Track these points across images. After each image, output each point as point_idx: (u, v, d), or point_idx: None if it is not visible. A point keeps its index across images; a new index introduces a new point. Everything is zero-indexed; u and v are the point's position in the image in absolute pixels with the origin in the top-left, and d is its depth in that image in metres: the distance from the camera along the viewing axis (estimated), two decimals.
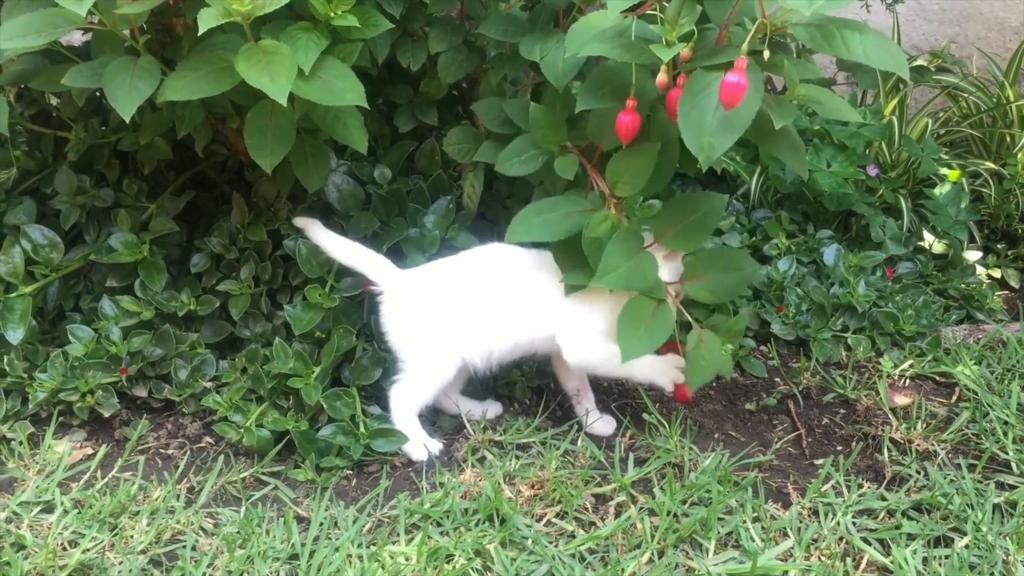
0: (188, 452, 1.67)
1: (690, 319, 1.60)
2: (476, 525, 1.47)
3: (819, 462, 1.67)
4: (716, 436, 1.74)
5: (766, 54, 1.32)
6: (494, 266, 1.68)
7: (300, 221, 1.76)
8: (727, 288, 1.63)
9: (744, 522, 1.49)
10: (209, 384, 1.75)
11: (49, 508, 1.52)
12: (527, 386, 1.82)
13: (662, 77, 1.41)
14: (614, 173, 1.54)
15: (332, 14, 1.50)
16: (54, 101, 1.99)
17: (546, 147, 1.62)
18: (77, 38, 1.86)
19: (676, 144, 1.51)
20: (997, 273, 2.37)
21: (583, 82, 1.55)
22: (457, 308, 1.65)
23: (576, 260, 1.57)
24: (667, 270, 1.60)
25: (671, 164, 1.57)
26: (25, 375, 1.72)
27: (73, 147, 1.90)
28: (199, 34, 1.37)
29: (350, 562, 1.40)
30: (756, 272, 1.69)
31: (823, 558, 1.43)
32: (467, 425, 1.72)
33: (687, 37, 1.38)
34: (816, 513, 1.53)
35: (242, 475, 1.60)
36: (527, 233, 1.56)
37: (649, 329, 1.51)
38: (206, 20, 1.37)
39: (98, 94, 1.83)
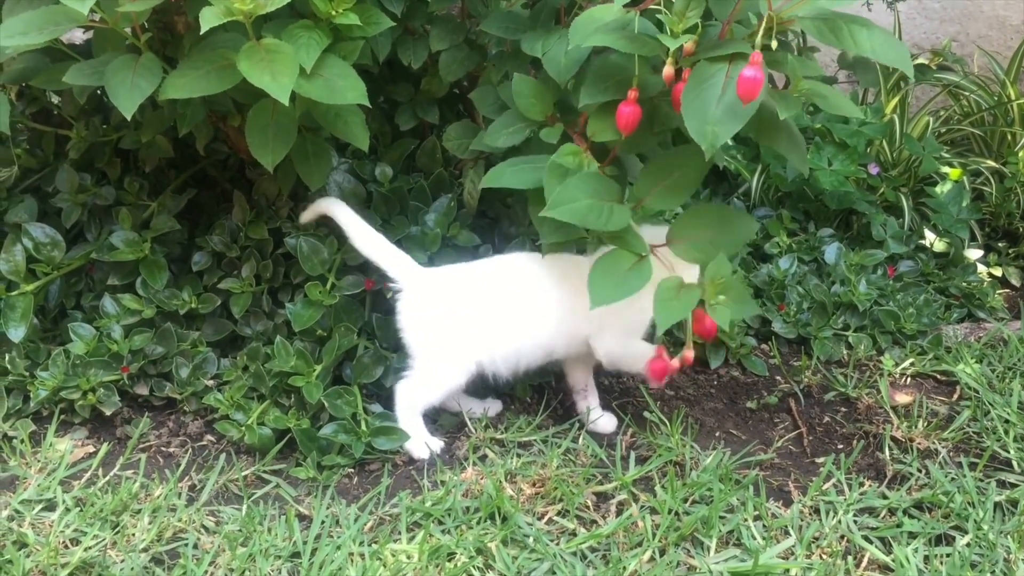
0: (189, 450, 1.67)
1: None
2: (477, 523, 1.48)
3: (820, 460, 1.67)
4: (717, 434, 1.74)
5: (774, 45, 1.33)
6: (521, 273, 1.67)
7: (326, 202, 1.73)
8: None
9: (745, 520, 1.49)
10: (210, 382, 1.75)
11: (51, 506, 1.52)
12: (528, 384, 1.82)
13: (668, 70, 1.42)
14: (594, 125, 1.53)
15: (333, 12, 1.50)
16: (55, 99, 1.99)
17: (531, 117, 1.61)
18: (78, 36, 1.86)
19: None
20: (998, 271, 2.37)
21: (584, 77, 1.55)
22: (481, 313, 1.64)
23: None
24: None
25: (696, 170, 1.54)
26: (26, 373, 1.72)
27: (74, 145, 1.90)
28: (201, 33, 1.37)
29: (352, 560, 1.40)
30: (752, 230, 1.62)
31: (824, 556, 1.43)
32: (468, 423, 1.72)
33: (692, 30, 1.39)
34: (817, 511, 1.53)
35: (243, 473, 1.60)
36: (498, 181, 1.57)
37: (624, 279, 1.48)
38: (208, 19, 1.37)
39: (99, 92, 1.83)
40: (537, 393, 1.83)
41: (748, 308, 1.57)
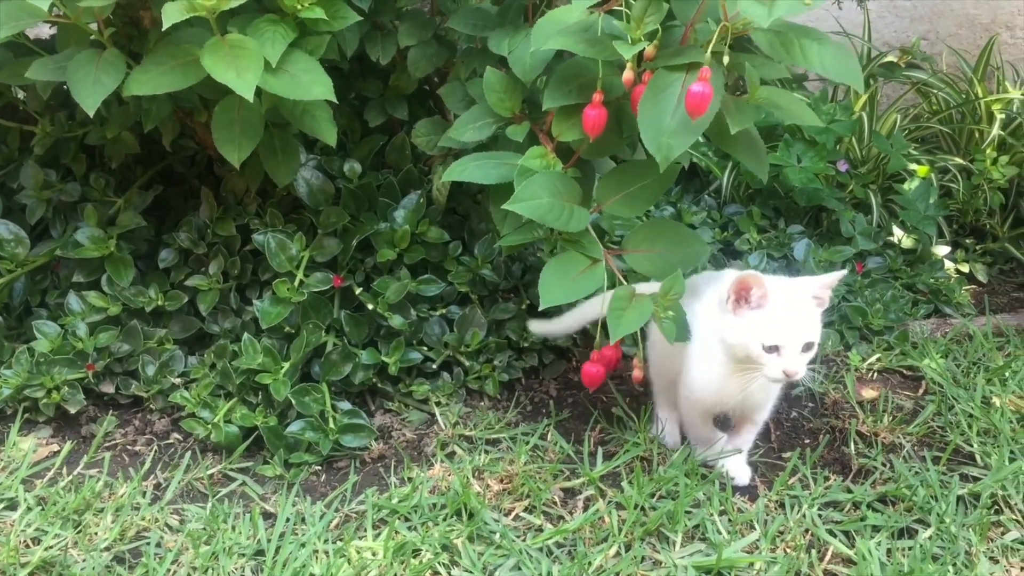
0: (155, 448, 1.66)
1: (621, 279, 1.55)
2: (444, 520, 1.47)
3: (786, 455, 1.68)
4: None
5: (725, 59, 1.33)
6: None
7: None
8: (671, 264, 1.55)
9: (711, 515, 1.50)
10: (177, 380, 1.74)
11: (12, 505, 1.50)
12: (498, 381, 1.82)
13: (628, 74, 1.41)
14: (558, 126, 1.53)
15: (299, 6, 1.49)
16: (20, 95, 1.96)
17: (500, 112, 1.61)
18: (46, 31, 1.84)
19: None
20: (965, 268, 2.40)
21: (550, 76, 1.55)
22: None
23: (514, 215, 1.52)
24: None
25: (660, 183, 1.55)
26: None
27: (39, 141, 1.88)
28: (164, 28, 1.36)
29: (316, 557, 1.40)
30: (704, 251, 1.63)
31: (788, 550, 1.44)
32: (438, 419, 1.72)
33: (652, 35, 1.39)
34: (782, 505, 1.54)
35: (210, 471, 1.59)
36: (461, 175, 1.56)
37: (575, 283, 1.49)
38: (171, 15, 1.36)
39: (64, 87, 1.81)
40: (507, 390, 1.83)
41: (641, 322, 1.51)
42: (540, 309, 1.49)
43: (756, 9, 1.26)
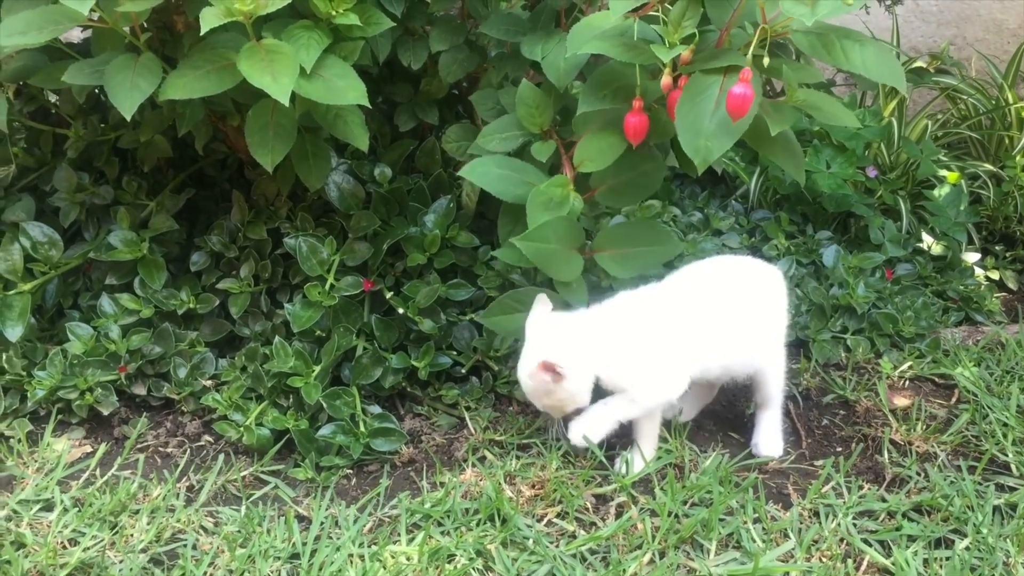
0: (187, 451, 1.67)
1: None
2: (477, 525, 1.47)
3: (819, 463, 1.67)
4: (716, 437, 1.74)
5: (766, 61, 1.33)
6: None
7: None
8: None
9: (745, 523, 1.49)
10: (208, 382, 1.74)
11: (49, 506, 1.51)
12: None
13: (666, 79, 1.41)
14: (582, 152, 1.54)
15: (333, 12, 1.50)
16: (53, 98, 1.98)
17: (528, 127, 1.61)
18: (76, 35, 1.86)
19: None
20: (995, 275, 2.38)
21: (584, 83, 1.55)
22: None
23: (519, 230, 1.55)
24: None
25: (654, 176, 1.59)
26: (24, 373, 1.72)
27: (72, 144, 1.90)
28: (201, 33, 1.36)
29: (352, 562, 1.40)
30: (675, 249, 1.65)
31: (824, 559, 1.43)
32: (468, 424, 1.72)
33: (689, 39, 1.39)
34: (817, 514, 1.53)
35: (242, 474, 1.60)
36: (481, 179, 1.57)
37: (513, 320, 1.57)
38: (208, 20, 1.37)
39: (97, 91, 1.83)
40: None
41: None
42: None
43: (798, 9, 1.26)
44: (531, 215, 1.51)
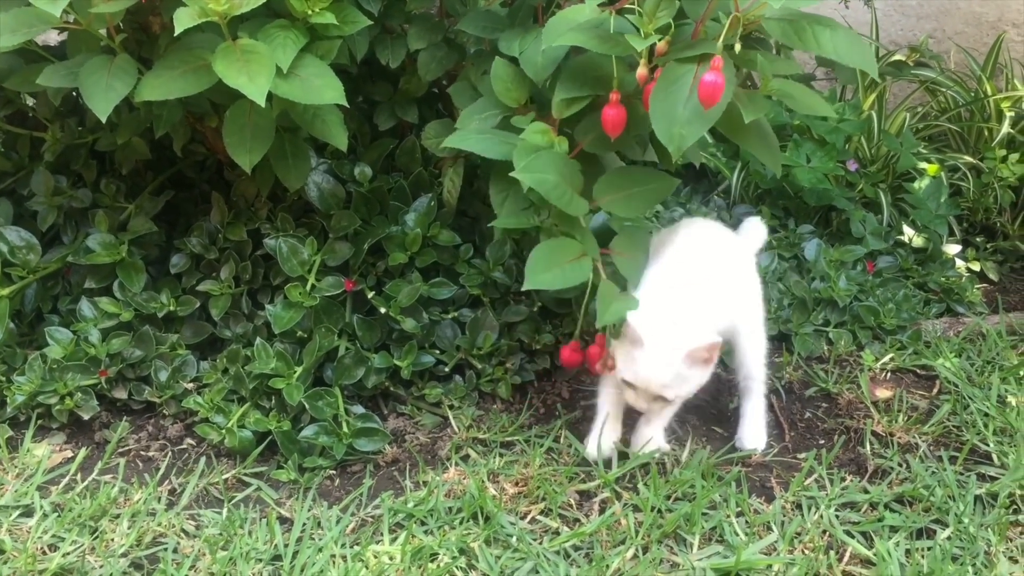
0: (169, 454, 1.66)
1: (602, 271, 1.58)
2: (460, 523, 1.47)
3: (802, 456, 1.67)
4: (700, 432, 1.74)
5: (737, 47, 1.33)
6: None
7: None
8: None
9: (728, 516, 1.49)
10: (190, 385, 1.73)
11: (28, 512, 1.50)
12: (510, 383, 1.81)
13: (642, 70, 1.41)
14: (560, 109, 1.54)
15: (310, 11, 1.49)
16: (30, 101, 1.96)
17: (506, 102, 1.60)
18: (53, 37, 1.84)
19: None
20: (976, 266, 2.39)
21: (560, 73, 1.55)
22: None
23: (513, 195, 1.55)
24: None
25: (660, 192, 1.62)
26: (3, 378, 1.71)
27: (49, 147, 1.88)
28: (175, 34, 1.35)
29: (334, 562, 1.39)
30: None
31: (807, 551, 1.44)
32: (451, 423, 1.72)
33: (664, 30, 1.39)
34: (799, 507, 1.54)
35: (224, 476, 1.59)
36: (463, 143, 1.56)
37: (563, 270, 1.50)
38: (183, 20, 1.36)
39: (74, 94, 1.82)
40: (519, 393, 1.83)
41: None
42: (523, 289, 1.51)
43: None
44: (519, 164, 1.49)
